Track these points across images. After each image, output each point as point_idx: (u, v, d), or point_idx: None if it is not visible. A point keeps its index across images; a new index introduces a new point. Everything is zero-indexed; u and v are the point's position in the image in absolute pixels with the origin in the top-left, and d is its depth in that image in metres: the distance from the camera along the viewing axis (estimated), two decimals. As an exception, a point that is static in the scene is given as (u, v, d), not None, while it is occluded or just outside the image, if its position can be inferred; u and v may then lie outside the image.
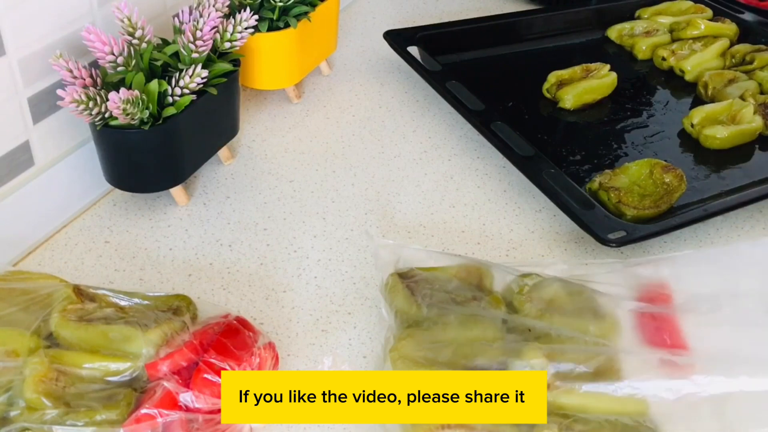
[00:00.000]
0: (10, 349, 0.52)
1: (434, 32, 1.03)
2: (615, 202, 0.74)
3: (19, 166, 0.68)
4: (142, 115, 0.66)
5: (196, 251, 0.71)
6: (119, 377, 0.53)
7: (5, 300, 0.56)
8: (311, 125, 0.91)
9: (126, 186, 0.74)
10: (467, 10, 1.20)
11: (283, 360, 0.60)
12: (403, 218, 0.77)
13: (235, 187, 0.80)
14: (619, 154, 0.86)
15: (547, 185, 0.75)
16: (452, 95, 0.89)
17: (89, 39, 0.66)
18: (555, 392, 0.53)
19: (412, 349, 0.56)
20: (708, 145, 0.87)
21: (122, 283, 0.67)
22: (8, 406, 0.50)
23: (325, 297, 0.67)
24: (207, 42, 0.70)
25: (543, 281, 0.62)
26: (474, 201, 0.79)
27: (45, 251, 0.70)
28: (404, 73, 1.01)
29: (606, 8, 1.15)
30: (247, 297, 0.67)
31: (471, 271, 0.63)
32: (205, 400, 0.51)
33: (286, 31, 0.85)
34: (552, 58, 1.04)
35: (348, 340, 0.63)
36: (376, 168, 0.84)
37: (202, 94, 0.72)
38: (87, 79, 0.66)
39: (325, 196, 0.79)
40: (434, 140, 0.89)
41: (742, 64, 1.01)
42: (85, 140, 0.74)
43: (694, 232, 0.76)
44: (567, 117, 0.92)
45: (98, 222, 0.74)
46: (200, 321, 0.58)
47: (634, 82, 1.00)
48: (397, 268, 0.63)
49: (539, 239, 0.74)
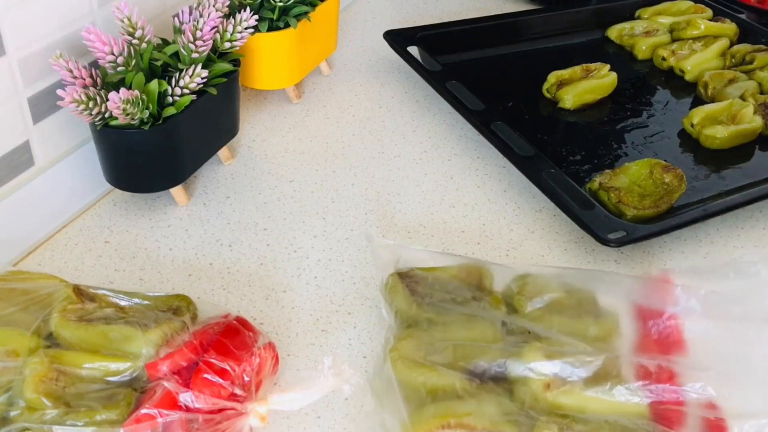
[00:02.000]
0: (10, 349, 0.52)
1: (434, 32, 1.03)
2: (615, 202, 0.74)
3: (19, 166, 0.68)
4: (142, 115, 0.66)
5: (196, 251, 0.71)
6: (119, 377, 0.53)
7: (5, 300, 0.56)
8: (311, 125, 0.91)
9: (126, 186, 0.74)
10: (467, 10, 1.20)
11: (283, 360, 0.60)
12: (403, 218, 0.77)
13: (235, 187, 0.80)
14: (619, 154, 0.86)
15: (547, 185, 0.75)
16: (452, 95, 0.89)
17: (89, 39, 0.66)
18: (555, 393, 0.53)
19: (412, 349, 0.56)
20: (708, 145, 0.87)
21: (122, 283, 0.67)
22: (8, 406, 0.50)
23: (325, 297, 0.67)
24: (207, 42, 0.70)
25: (543, 281, 0.62)
26: (474, 201, 0.79)
27: (45, 251, 0.70)
28: (404, 73, 1.01)
29: (606, 8, 1.15)
30: (247, 297, 0.67)
31: (471, 271, 0.63)
32: (205, 400, 0.51)
33: (286, 31, 0.85)
34: (552, 58, 1.04)
35: (348, 340, 0.63)
36: (376, 168, 0.84)
37: (202, 94, 0.72)
38: (87, 79, 0.66)
39: (325, 196, 0.79)
40: (434, 140, 0.89)
41: (742, 64, 1.01)
42: (85, 140, 0.74)
43: (694, 232, 0.76)
44: (567, 117, 0.92)
45: (98, 222, 0.74)
46: (200, 321, 0.58)
47: (634, 82, 1.00)
48: (397, 268, 0.63)
49: (539, 239, 0.74)
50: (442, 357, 0.55)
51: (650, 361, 0.56)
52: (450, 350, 0.56)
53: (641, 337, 0.59)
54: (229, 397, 0.52)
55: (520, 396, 0.53)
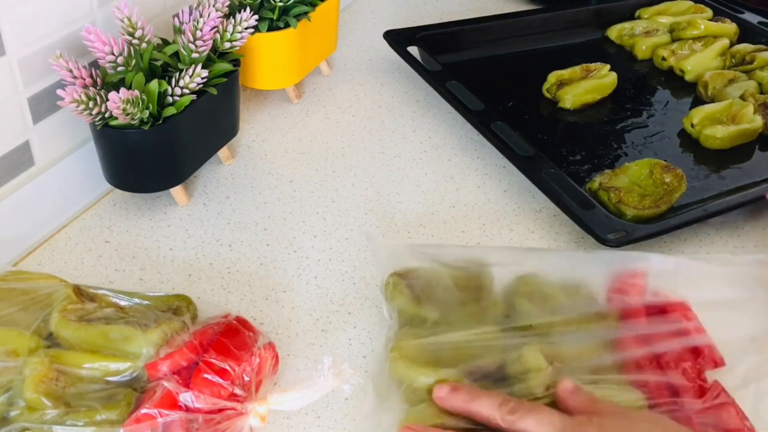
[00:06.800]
0: (10, 349, 0.52)
1: (434, 32, 1.03)
2: (615, 202, 0.74)
3: (19, 166, 0.68)
4: (142, 115, 0.66)
5: (196, 251, 0.71)
6: (119, 377, 0.53)
7: (5, 300, 0.57)
8: (311, 125, 0.91)
9: (126, 186, 0.74)
10: (467, 10, 1.20)
11: (283, 360, 0.60)
12: (403, 218, 0.77)
13: (235, 187, 0.80)
14: (619, 154, 0.86)
15: (547, 185, 0.75)
16: (452, 95, 0.89)
17: (89, 39, 0.66)
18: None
19: (412, 348, 0.56)
20: (708, 145, 0.87)
21: (122, 283, 0.67)
22: (8, 406, 0.50)
23: (325, 297, 0.67)
24: (207, 42, 0.70)
25: (543, 281, 0.62)
26: (474, 201, 0.79)
27: (45, 251, 0.70)
28: (404, 73, 1.01)
29: (606, 8, 1.15)
30: (247, 297, 0.67)
31: (471, 271, 0.63)
32: (205, 400, 0.51)
33: (286, 31, 0.85)
34: (552, 58, 1.04)
35: (348, 340, 0.63)
36: (376, 168, 0.84)
37: (202, 94, 0.72)
38: (87, 79, 0.66)
39: (325, 196, 0.79)
40: (434, 140, 0.89)
41: (742, 64, 1.01)
42: (85, 140, 0.74)
43: (694, 232, 0.76)
44: (567, 117, 0.92)
45: (98, 222, 0.74)
46: (200, 321, 0.58)
47: (634, 82, 1.00)
48: (397, 268, 0.63)
49: (539, 239, 0.74)
50: (442, 357, 0.55)
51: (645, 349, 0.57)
52: (450, 350, 0.56)
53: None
54: (229, 397, 0.52)
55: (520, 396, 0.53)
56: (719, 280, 0.64)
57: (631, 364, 0.56)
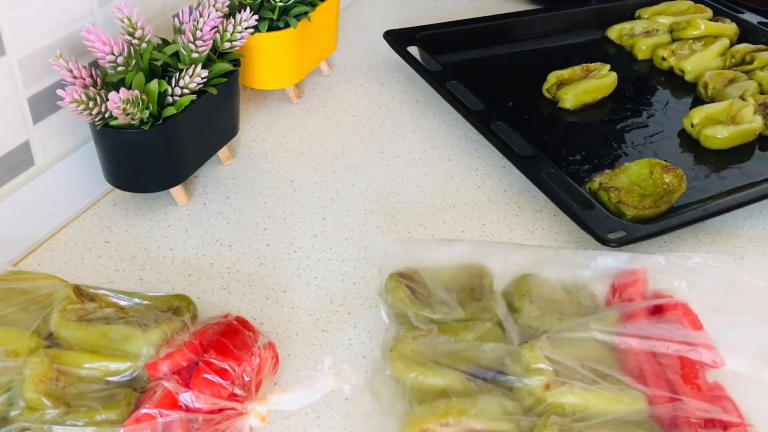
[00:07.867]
0: (10, 349, 0.52)
1: (434, 32, 1.03)
2: (615, 202, 0.74)
3: (19, 166, 0.68)
4: (142, 115, 0.66)
5: (196, 251, 0.71)
6: (119, 377, 0.53)
7: (5, 300, 0.57)
8: (311, 125, 0.91)
9: (126, 186, 0.74)
10: (467, 10, 1.20)
11: (283, 360, 0.60)
12: (403, 218, 0.77)
13: (235, 187, 0.80)
14: (619, 154, 0.86)
15: (547, 185, 0.75)
16: (452, 95, 0.89)
17: (89, 39, 0.66)
18: (555, 392, 0.53)
19: (411, 349, 0.56)
20: (708, 145, 0.86)
21: (122, 283, 0.67)
22: (8, 406, 0.50)
23: (325, 297, 0.67)
24: (207, 42, 0.70)
25: (543, 281, 0.63)
26: (474, 201, 0.79)
27: (45, 251, 0.70)
28: (404, 73, 1.01)
29: (606, 8, 1.15)
30: (247, 297, 0.67)
31: (471, 271, 0.63)
32: (205, 400, 0.51)
33: (286, 31, 0.85)
34: (552, 58, 1.04)
35: (348, 340, 0.63)
36: (376, 168, 0.84)
37: (202, 94, 0.72)
38: (87, 79, 0.66)
39: (325, 196, 0.79)
40: (434, 140, 0.89)
41: (742, 64, 1.01)
42: (85, 140, 0.74)
43: (694, 232, 0.76)
44: (567, 117, 0.92)
45: (98, 222, 0.74)
46: (200, 321, 0.58)
47: (634, 82, 1.00)
48: (398, 268, 0.63)
49: (539, 239, 0.74)
50: (441, 357, 0.55)
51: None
52: (450, 350, 0.56)
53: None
54: (229, 397, 0.52)
55: (520, 396, 0.53)
56: (719, 280, 0.64)
57: (631, 364, 0.56)
